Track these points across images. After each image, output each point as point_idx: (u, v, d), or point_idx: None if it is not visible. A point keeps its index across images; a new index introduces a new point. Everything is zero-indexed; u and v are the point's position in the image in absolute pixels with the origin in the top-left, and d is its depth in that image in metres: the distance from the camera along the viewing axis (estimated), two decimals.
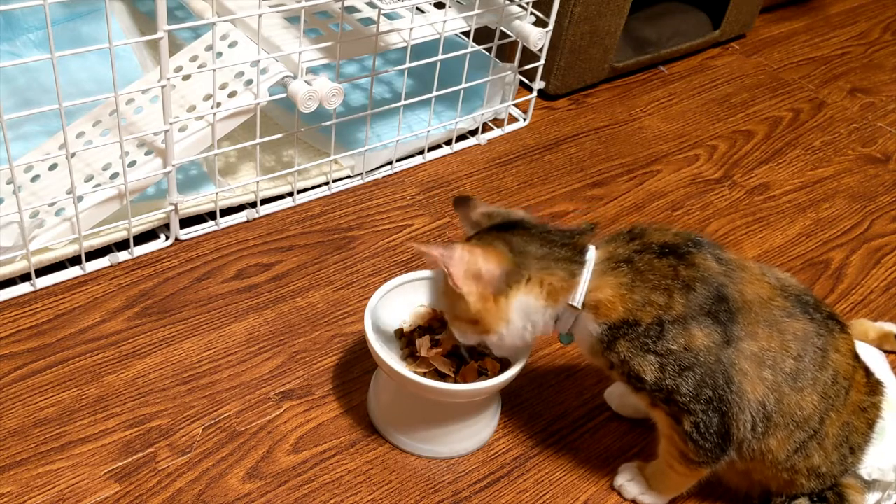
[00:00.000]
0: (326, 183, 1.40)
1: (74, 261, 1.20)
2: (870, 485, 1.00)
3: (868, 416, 0.96)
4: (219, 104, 1.20)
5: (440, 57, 1.38)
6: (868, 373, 0.97)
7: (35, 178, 1.20)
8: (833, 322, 0.92)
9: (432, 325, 1.07)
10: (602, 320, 0.89)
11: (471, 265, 0.88)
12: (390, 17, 1.39)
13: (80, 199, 1.15)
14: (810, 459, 0.93)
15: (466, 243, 0.91)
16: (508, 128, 1.61)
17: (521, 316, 0.91)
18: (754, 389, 0.88)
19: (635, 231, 0.93)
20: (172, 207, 1.24)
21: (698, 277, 0.88)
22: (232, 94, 1.22)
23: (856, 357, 0.94)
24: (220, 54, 1.24)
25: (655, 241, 0.91)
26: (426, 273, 1.08)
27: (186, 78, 1.25)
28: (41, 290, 1.17)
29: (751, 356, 0.88)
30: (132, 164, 1.18)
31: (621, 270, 0.89)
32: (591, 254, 0.90)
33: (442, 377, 1.00)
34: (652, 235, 0.92)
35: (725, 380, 0.87)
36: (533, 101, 1.62)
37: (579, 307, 0.89)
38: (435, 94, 1.42)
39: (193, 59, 1.26)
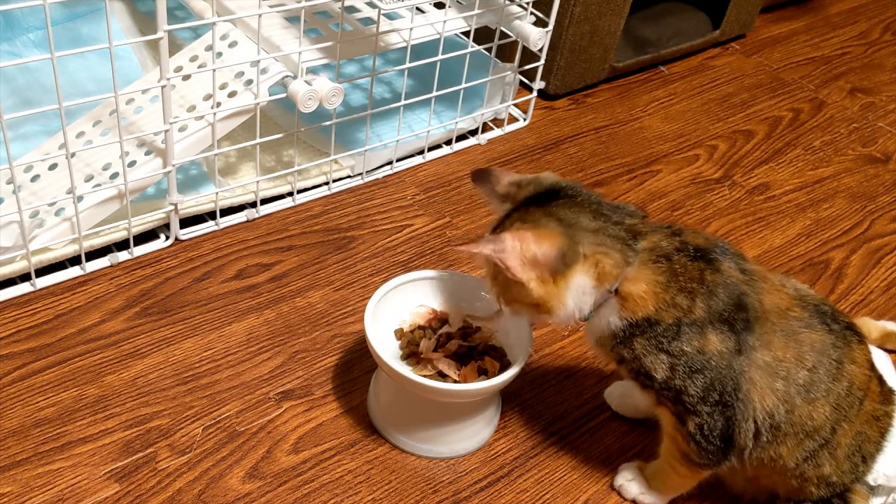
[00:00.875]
0: (326, 183, 1.40)
1: (74, 261, 1.20)
2: (874, 489, 1.00)
3: (881, 424, 0.95)
4: (219, 104, 1.20)
5: (440, 57, 1.38)
6: (882, 382, 0.96)
7: (35, 178, 1.20)
8: (851, 333, 0.92)
9: (432, 325, 1.07)
10: (627, 315, 0.87)
11: (525, 252, 0.85)
12: (390, 17, 1.39)
13: (80, 199, 1.15)
14: (821, 469, 0.92)
15: (514, 229, 0.87)
16: (508, 128, 1.61)
17: (575, 297, 0.87)
18: (762, 399, 0.87)
19: (674, 228, 0.91)
20: (172, 207, 1.23)
21: (721, 283, 0.87)
22: (232, 94, 1.22)
23: (872, 367, 0.94)
24: (220, 54, 1.24)
25: (691, 241, 0.89)
26: (426, 273, 1.08)
27: (186, 78, 1.25)
28: (41, 290, 1.17)
29: (763, 366, 0.87)
30: (132, 164, 1.18)
31: (660, 267, 0.87)
32: (642, 244, 0.88)
33: (444, 378, 1.00)
34: (688, 236, 0.90)
35: (733, 386, 0.87)
36: (533, 101, 1.62)
37: (614, 293, 0.87)
38: (435, 94, 1.42)
39: (193, 59, 1.26)
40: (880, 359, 1.16)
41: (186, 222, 1.28)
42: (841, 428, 0.91)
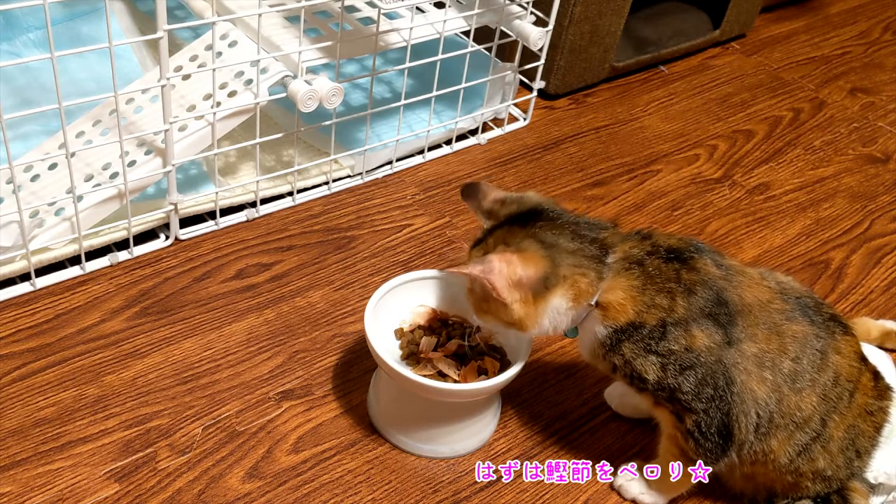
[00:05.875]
0: (326, 183, 1.40)
1: (74, 260, 1.20)
2: (875, 488, 1.00)
3: (875, 419, 0.95)
4: (218, 104, 1.20)
5: (440, 56, 1.38)
6: (877, 376, 0.96)
7: (35, 178, 1.19)
8: (835, 324, 0.92)
9: (432, 325, 1.07)
10: (609, 322, 0.89)
11: (511, 274, 0.87)
12: (390, 16, 1.39)
13: (79, 198, 1.14)
14: (815, 463, 0.93)
15: (499, 251, 0.89)
16: (508, 127, 1.61)
17: (551, 317, 0.90)
18: (759, 389, 0.89)
19: (644, 232, 0.94)
20: (172, 207, 1.23)
21: (699, 281, 0.89)
22: (232, 94, 1.22)
23: (861, 360, 0.94)
24: (219, 54, 1.24)
25: (662, 244, 0.91)
26: (426, 273, 1.08)
27: (186, 77, 1.25)
28: (41, 289, 1.17)
29: (751, 357, 0.88)
30: (132, 163, 1.18)
31: (633, 272, 0.89)
32: (613, 256, 0.90)
33: (444, 378, 1.00)
34: (659, 239, 0.93)
35: (726, 381, 0.88)
36: (533, 101, 1.62)
37: (594, 305, 0.90)
38: (435, 93, 1.42)
39: (193, 58, 1.26)
40: (881, 358, 1.16)
41: (186, 222, 1.28)
42: (832, 420, 0.91)
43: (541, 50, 1.50)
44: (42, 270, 1.18)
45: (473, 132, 1.57)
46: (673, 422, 0.92)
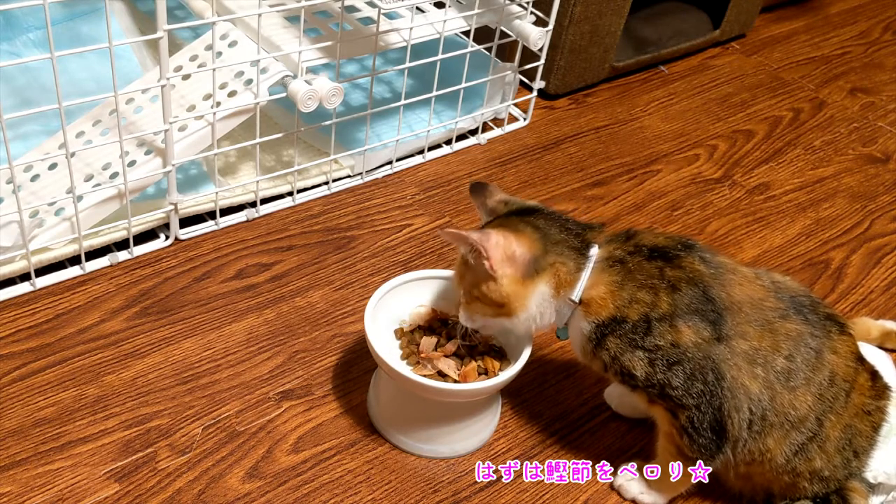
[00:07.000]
0: (326, 183, 1.40)
1: (74, 260, 1.20)
2: (874, 487, 1.00)
3: (872, 419, 0.95)
4: (218, 104, 1.20)
5: (440, 56, 1.38)
6: (875, 376, 0.96)
7: (35, 178, 1.19)
8: (831, 323, 0.93)
9: (432, 325, 1.07)
10: (592, 318, 0.91)
11: (506, 249, 0.91)
12: (390, 16, 1.39)
13: (79, 198, 1.14)
14: (812, 463, 0.93)
15: (498, 229, 0.93)
16: (508, 127, 1.61)
17: (537, 302, 0.93)
18: (751, 385, 0.89)
19: (630, 232, 0.96)
20: (172, 207, 1.23)
21: (684, 278, 0.90)
22: (232, 94, 1.22)
23: (858, 359, 0.94)
24: (219, 54, 1.24)
25: (647, 243, 0.93)
26: (426, 273, 1.08)
27: (186, 77, 1.25)
28: (41, 289, 1.17)
29: (741, 354, 0.89)
30: (132, 163, 1.18)
31: (615, 269, 0.92)
32: (595, 250, 0.93)
33: (444, 378, 1.00)
34: (644, 238, 0.94)
35: (715, 376, 0.88)
36: (533, 101, 1.62)
37: (577, 302, 0.91)
38: (435, 93, 1.42)
39: (193, 58, 1.26)
40: (880, 358, 1.16)
41: (186, 222, 1.28)
42: (828, 420, 0.92)
43: (541, 50, 1.50)
44: (42, 270, 1.18)
45: (473, 132, 1.57)
46: (668, 419, 0.92)
